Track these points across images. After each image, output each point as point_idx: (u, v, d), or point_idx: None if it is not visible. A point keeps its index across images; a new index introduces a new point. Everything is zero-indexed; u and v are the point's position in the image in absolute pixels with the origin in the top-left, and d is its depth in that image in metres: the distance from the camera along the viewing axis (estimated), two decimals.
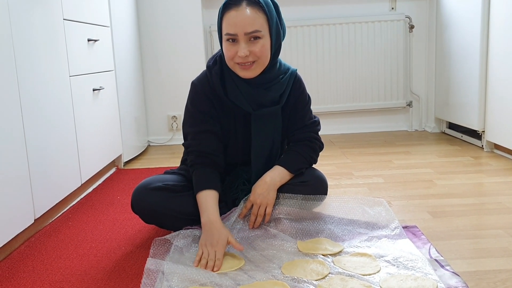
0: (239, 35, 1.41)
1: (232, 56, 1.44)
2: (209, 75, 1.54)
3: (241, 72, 1.47)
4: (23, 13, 1.63)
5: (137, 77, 3.02)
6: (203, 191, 1.48)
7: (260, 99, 1.53)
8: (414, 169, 2.41)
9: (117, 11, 2.68)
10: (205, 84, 1.54)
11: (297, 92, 1.62)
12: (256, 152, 1.59)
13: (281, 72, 1.57)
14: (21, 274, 1.39)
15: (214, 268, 1.32)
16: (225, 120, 1.57)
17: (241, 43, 1.41)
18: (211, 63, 1.55)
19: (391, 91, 3.39)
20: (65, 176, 1.91)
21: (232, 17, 1.40)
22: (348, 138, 3.27)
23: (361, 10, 3.34)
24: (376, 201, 1.69)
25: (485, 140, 2.72)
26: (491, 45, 2.60)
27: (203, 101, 1.54)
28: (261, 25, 1.42)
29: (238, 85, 1.51)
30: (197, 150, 1.54)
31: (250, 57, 1.43)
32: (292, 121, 1.63)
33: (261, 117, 1.56)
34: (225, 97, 1.52)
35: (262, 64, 1.47)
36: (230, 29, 1.41)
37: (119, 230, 1.72)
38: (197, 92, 1.55)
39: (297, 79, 1.62)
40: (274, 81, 1.54)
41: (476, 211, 1.78)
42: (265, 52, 1.45)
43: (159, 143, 3.32)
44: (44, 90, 1.76)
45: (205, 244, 1.38)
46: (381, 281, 1.23)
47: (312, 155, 1.63)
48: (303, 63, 3.31)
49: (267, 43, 1.45)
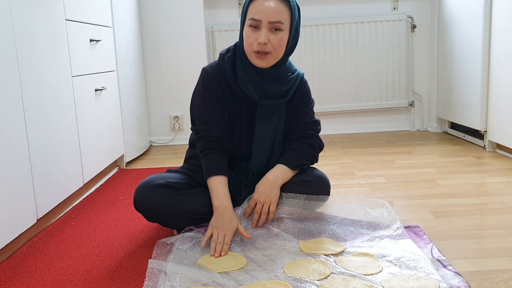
0: (263, 22, 1.46)
1: (251, 42, 1.49)
2: (221, 62, 1.58)
3: (255, 60, 1.52)
4: (25, 14, 1.63)
5: (139, 77, 3.03)
6: (215, 176, 1.53)
7: (268, 89, 1.57)
8: (416, 169, 2.41)
9: (119, 12, 2.68)
10: (217, 70, 1.59)
11: (301, 93, 1.65)
12: (259, 141, 1.61)
13: (290, 70, 1.62)
14: (24, 274, 1.39)
15: (222, 253, 1.39)
16: (232, 107, 1.60)
17: (263, 30, 1.47)
18: (224, 52, 1.60)
19: (393, 91, 3.39)
20: (68, 176, 1.92)
21: (260, 4, 1.47)
22: (350, 138, 3.27)
23: (363, 10, 3.34)
24: (378, 203, 1.68)
25: (487, 140, 2.72)
26: (493, 45, 2.59)
27: (214, 85, 1.58)
28: (285, 18, 1.49)
29: (249, 73, 1.55)
30: (208, 135, 1.57)
31: (267, 47, 1.48)
32: (293, 120, 1.65)
33: (267, 108, 1.59)
34: (235, 84, 1.56)
35: (276, 56, 1.52)
36: (256, 15, 1.47)
37: (121, 230, 1.72)
38: (209, 77, 1.59)
39: (303, 81, 1.66)
40: (282, 76, 1.59)
41: (478, 211, 1.78)
42: (282, 45, 1.51)
43: (161, 143, 3.32)
44: (46, 91, 1.76)
45: (216, 226, 1.45)
46: (383, 281, 1.23)
47: (312, 151, 1.64)
48: (305, 63, 3.31)
49: (285, 37, 1.51)
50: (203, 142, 1.58)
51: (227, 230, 1.44)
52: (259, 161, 1.62)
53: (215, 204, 1.49)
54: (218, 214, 1.47)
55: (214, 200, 1.50)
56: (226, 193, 1.51)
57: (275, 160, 1.64)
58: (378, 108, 3.42)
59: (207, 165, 1.56)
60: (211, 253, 1.40)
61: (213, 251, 1.40)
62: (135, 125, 2.88)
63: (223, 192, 1.51)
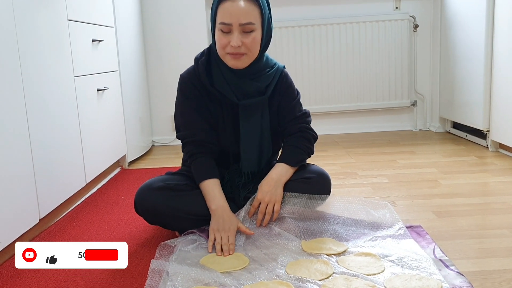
0: (233, 25, 1.44)
1: (224, 45, 1.47)
2: (196, 66, 1.58)
3: (231, 62, 1.50)
4: (28, 14, 1.64)
5: (141, 77, 3.03)
6: (208, 180, 1.52)
7: (246, 88, 1.56)
8: (418, 168, 2.41)
9: (121, 12, 2.68)
10: (192, 74, 1.58)
11: (283, 87, 1.63)
12: (246, 142, 1.60)
13: (268, 65, 1.60)
14: (26, 273, 1.39)
15: (230, 252, 1.41)
16: (213, 109, 1.60)
17: (235, 33, 1.45)
18: (199, 55, 1.59)
19: (395, 91, 3.39)
20: (70, 176, 1.92)
21: (228, 7, 1.44)
22: (352, 138, 3.26)
23: (365, 10, 3.34)
24: (381, 204, 1.68)
25: (490, 139, 2.71)
26: (496, 44, 2.59)
27: (191, 89, 1.58)
28: (255, 17, 1.46)
29: (224, 74, 1.54)
30: (193, 140, 1.57)
31: (242, 48, 1.46)
32: (281, 116, 1.64)
33: (248, 107, 1.58)
34: (211, 86, 1.56)
35: (251, 56, 1.51)
36: (225, 19, 1.44)
37: (123, 229, 1.72)
38: (186, 82, 1.59)
39: (283, 74, 1.64)
40: (260, 72, 1.57)
41: (481, 211, 1.77)
42: (256, 45, 1.49)
43: (163, 143, 3.32)
44: (49, 91, 1.76)
45: (217, 229, 1.45)
46: (385, 281, 1.23)
47: (308, 145, 1.63)
48: (307, 63, 3.31)
49: (258, 36, 1.49)
50: (189, 148, 1.58)
51: (229, 230, 1.45)
52: (249, 161, 1.61)
53: (212, 207, 1.49)
54: (217, 217, 1.47)
55: (211, 203, 1.50)
56: (221, 194, 1.51)
57: (267, 157, 1.64)
58: (380, 108, 3.42)
59: (197, 170, 1.56)
60: (218, 254, 1.41)
61: (220, 252, 1.41)
62: (137, 125, 2.88)
63: (218, 194, 1.51)
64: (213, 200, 1.49)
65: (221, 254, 1.41)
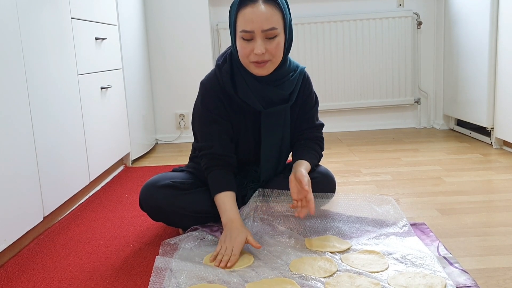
0: (256, 32, 1.38)
1: (247, 54, 1.41)
2: (219, 73, 1.52)
3: (255, 70, 1.45)
4: (32, 12, 1.64)
5: (144, 75, 3.03)
6: (221, 193, 1.48)
7: (271, 96, 1.52)
8: (422, 166, 2.40)
9: (125, 10, 2.68)
10: (215, 82, 1.53)
11: (306, 92, 1.61)
12: (266, 150, 1.58)
13: (291, 69, 1.55)
14: (31, 271, 1.40)
15: (228, 264, 1.32)
16: (235, 118, 1.56)
17: (258, 40, 1.38)
18: (221, 62, 1.53)
19: (399, 88, 3.38)
20: (74, 174, 1.93)
21: (249, 13, 1.37)
22: (356, 136, 3.26)
23: (369, 7, 3.33)
24: (384, 199, 1.68)
25: (494, 137, 2.70)
26: (500, 41, 2.58)
27: (213, 100, 1.52)
28: (277, 22, 1.40)
29: (248, 83, 1.49)
30: (210, 153, 1.53)
31: (266, 56, 1.41)
32: (300, 120, 1.63)
33: (271, 115, 1.55)
34: (235, 95, 1.51)
35: (276, 62, 1.45)
36: (247, 26, 1.38)
37: (127, 227, 1.73)
38: (207, 91, 1.53)
39: (306, 78, 1.61)
40: (284, 78, 1.53)
41: (485, 209, 1.77)
42: (280, 50, 1.43)
43: (167, 141, 3.33)
44: (52, 89, 1.77)
45: (224, 240, 1.39)
46: (389, 279, 1.23)
47: (321, 154, 1.66)
48: (310, 61, 3.30)
49: (282, 40, 1.43)
50: (206, 160, 1.54)
51: (235, 241, 1.37)
52: (268, 169, 1.61)
53: (223, 221, 1.45)
54: (226, 229, 1.42)
55: (222, 217, 1.46)
56: (232, 207, 1.46)
57: (284, 164, 1.64)
58: (384, 105, 3.41)
59: (212, 183, 1.52)
60: (215, 264, 1.33)
61: (218, 262, 1.33)
62: (141, 123, 2.89)
63: (230, 207, 1.46)
64: (224, 213, 1.45)
65: (218, 264, 1.33)
